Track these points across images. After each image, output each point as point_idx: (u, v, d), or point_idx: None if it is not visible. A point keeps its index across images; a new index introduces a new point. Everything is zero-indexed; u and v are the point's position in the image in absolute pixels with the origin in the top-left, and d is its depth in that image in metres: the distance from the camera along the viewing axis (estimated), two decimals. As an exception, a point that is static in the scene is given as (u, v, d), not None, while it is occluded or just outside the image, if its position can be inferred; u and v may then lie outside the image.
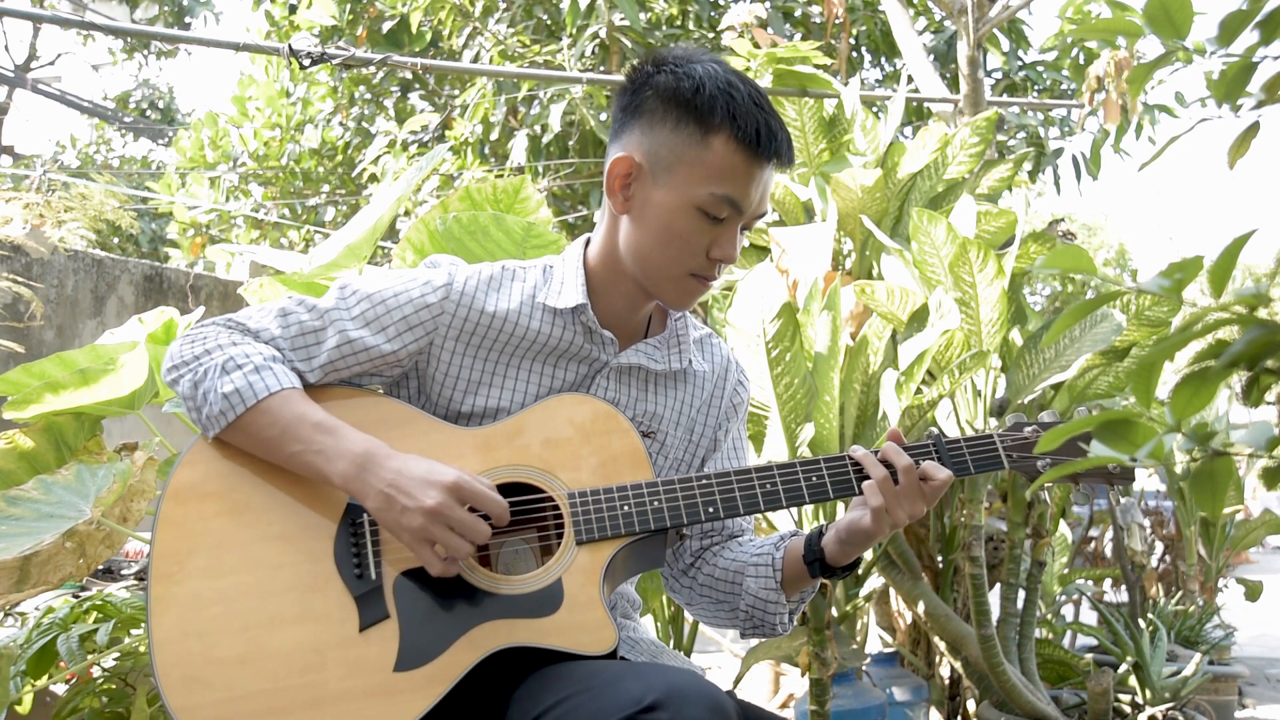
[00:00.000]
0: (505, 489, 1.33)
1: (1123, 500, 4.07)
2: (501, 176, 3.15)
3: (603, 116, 5.69)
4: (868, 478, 1.37)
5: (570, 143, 6.18)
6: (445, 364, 1.43)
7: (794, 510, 2.39)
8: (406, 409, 1.40)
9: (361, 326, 1.39)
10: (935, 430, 1.43)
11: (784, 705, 3.66)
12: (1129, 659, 3.15)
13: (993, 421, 2.57)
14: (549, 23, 6.46)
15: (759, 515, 2.21)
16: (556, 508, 1.34)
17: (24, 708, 2.09)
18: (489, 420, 1.42)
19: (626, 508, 1.33)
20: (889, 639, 3.53)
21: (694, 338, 1.58)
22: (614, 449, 1.38)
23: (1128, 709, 3.04)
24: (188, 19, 13.84)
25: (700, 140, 1.37)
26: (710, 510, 1.36)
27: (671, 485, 1.36)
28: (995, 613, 2.76)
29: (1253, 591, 4.84)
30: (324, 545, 1.29)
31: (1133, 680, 3.13)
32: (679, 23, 6.30)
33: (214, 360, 1.33)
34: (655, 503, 1.35)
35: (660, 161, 1.39)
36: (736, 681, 2.71)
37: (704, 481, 1.37)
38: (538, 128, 5.91)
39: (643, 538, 1.34)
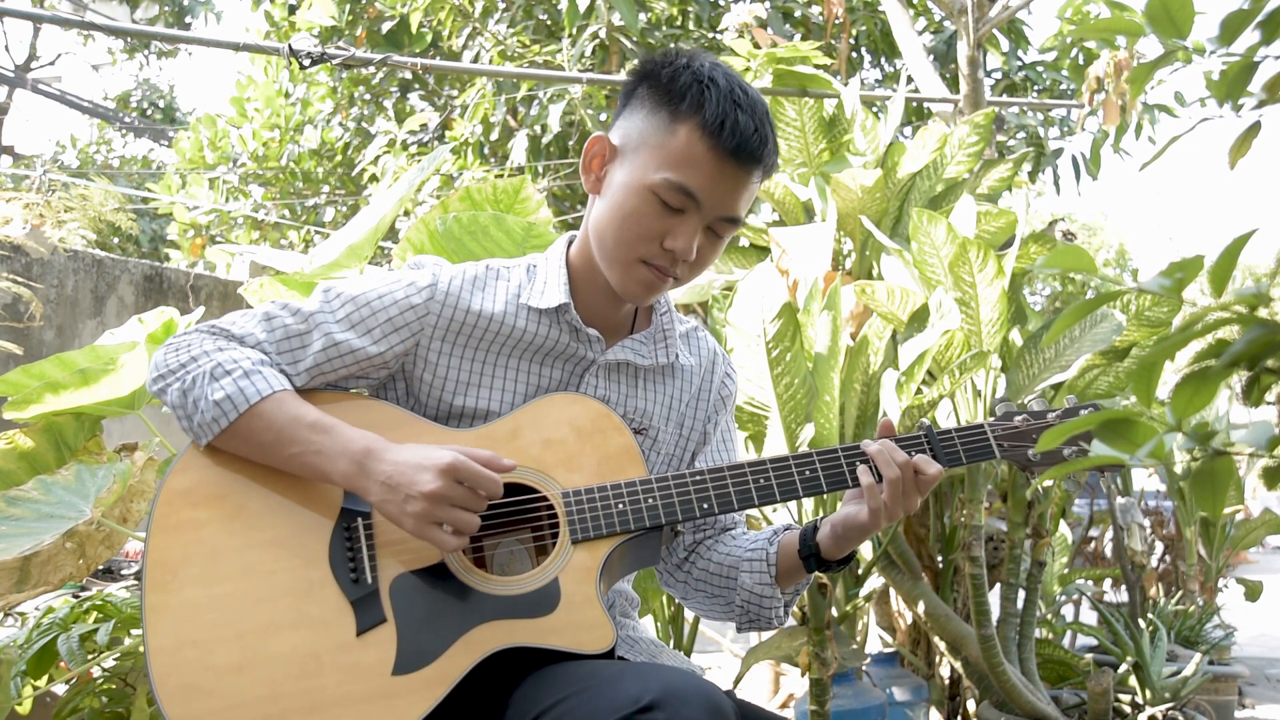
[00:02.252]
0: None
1: (1122, 500, 4.07)
2: (501, 176, 3.15)
3: (602, 117, 5.69)
4: (864, 467, 1.37)
5: (570, 143, 6.18)
6: (433, 365, 1.42)
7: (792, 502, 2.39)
8: (397, 412, 1.39)
9: (347, 329, 1.38)
10: (926, 421, 1.43)
11: (784, 705, 3.66)
12: (1129, 659, 3.15)
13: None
14: (549, 23, 6.46)
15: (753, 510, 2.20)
16: (550, 508, 1.34)
17: (24, 708, 2.09)
18: (479, 421, 1.41)
19: (621, 506, 1.33)
20: (889, 639, 3.53)
21: (680, 331, 1.57)
22: (608, 448, 1.38)
23: (1128, 709, 3.04)
24: (188, 19, 13.84)
25: (668, 125, 1.35)
26: (705, 506, 1.36)
27: (666, 482, 1.36)
28: (995, 613, 2.75)
29: (1253, 591, 4.84)
30: (319, 549, 1.29)
31: (1133, 680, 3.13)
32: (679, 23, 6.30)
33: (201, 367, 1.32)
34: (650, 500, 1.34)
35: (630, 143, 1.39)
36: (736, 681, 2.71)
37: (698, 477, 1.37)
38: (537, 128, 5.91)
39: (638, 535, 1.34)
